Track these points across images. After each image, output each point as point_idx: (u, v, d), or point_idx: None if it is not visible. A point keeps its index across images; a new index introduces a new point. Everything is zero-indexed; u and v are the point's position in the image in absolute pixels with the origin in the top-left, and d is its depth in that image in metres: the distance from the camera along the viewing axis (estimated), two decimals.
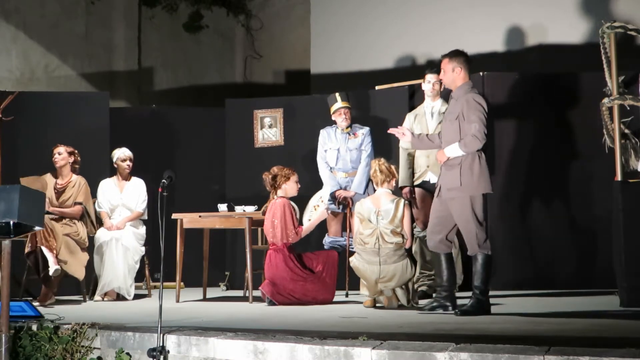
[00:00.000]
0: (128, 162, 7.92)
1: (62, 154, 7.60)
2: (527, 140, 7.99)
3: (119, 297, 7.67)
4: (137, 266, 7.78)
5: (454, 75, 6.00)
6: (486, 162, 5.92)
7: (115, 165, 7.93)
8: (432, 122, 7.24)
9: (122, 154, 7.93)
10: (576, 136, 7.84)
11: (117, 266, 7.60)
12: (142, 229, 7.91)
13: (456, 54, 6.04)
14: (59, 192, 7.55)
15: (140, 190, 7.95)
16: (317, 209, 7.04)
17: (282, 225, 6.87)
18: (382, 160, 6.72)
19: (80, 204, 7.59)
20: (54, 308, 6.66)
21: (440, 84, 7.26)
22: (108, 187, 7.91)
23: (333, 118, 7.76)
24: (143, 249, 7.81)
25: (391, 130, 6.27)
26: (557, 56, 9.05)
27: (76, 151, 7.70)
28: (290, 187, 7.07)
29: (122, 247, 7.65)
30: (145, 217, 7.96)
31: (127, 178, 7.94)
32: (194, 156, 9.22)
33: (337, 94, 7.73)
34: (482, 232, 5.91)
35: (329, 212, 7.49)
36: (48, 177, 7.62)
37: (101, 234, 7.69)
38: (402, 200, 6.63)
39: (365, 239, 6.51)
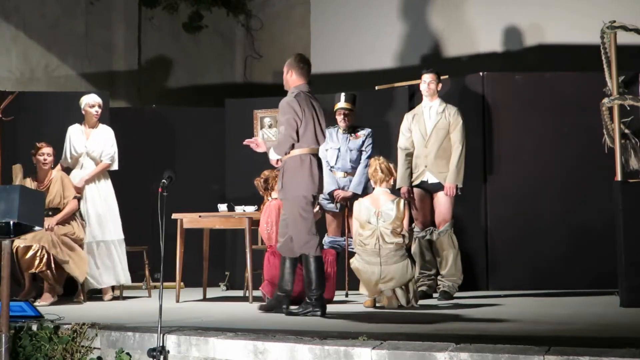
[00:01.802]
0: (97, 109, 7.67)
1: (50, 155, 7.44)
2: (527, 140, 7.99)
3: (114, 298, 7.64)
4: (119, 237, 7.68)
5: (287, 77, 6.24)
6: (311, 165, 6.04)
7: (84, 112, 7.70)
8: (430, 121, 7.24)
9: (90, 100, 7.69)
10: (576, 136, 7.84)
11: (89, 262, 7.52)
12: (108, 183, 7.70)
13: (292, 58, 6.24)
14: (44, 192, 7.42)
15: (107, 139, 7.69)
16: None
17: (278, 226, 6.88)
18: (382, 159, 6.72)
19: (75, 197, 7.46)
20: (54, 308, 6.65)
21: (437, 83, 7.27)
22: (75, 133, 7.68)
23: (335, 116, 7.79)
24: (118, 227, 7.70)
25: (246, 142, 6.45)
26: (557, 56, 9.06)
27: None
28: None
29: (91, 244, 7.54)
30: (115, 167, 7.72)
31: (94, 126, 7.70)
32: (194, 156, 9.22)
33: (342, 94, 7.74)
34: (306, 234, 6.01)
35: (323, 210, 7.50)
36: (28, 183, 7.40)
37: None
38: (402, 200, 6.62)
39: (365, 240, 6.50)
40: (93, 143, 7.65)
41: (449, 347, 4.02)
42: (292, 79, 6.21)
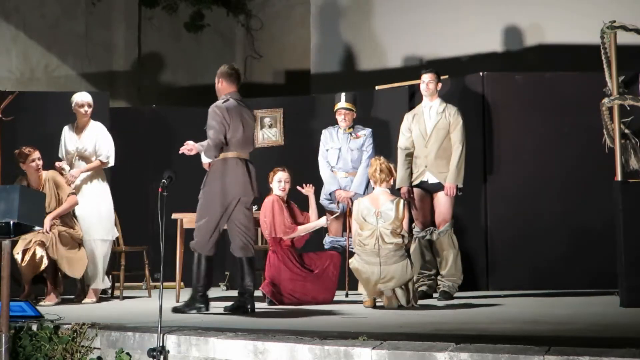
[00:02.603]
0: (85, 108, 7.56)
1: (40, 158, 7.29)
2: (527, 140, 8.00)
3: (102, 299, 7.57)
4: (106, 249, 7.53)
5: (217, 86, 6.53)
6: (235, 170, 6.28)
7: (74, 112, 7.61)
8: (430, 121, 7.24)
9: (79, 99, 7.59)
10: (576, 136, 7.84)
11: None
12: (105, 186, 7.59)
13: (222, 67, 6.52)
14: None
15: (99, 136, 7.57)
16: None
17: (270, 220, 6.91)
18: (383, 159, 6.73)
19: (73, 194, 7.33)
20: (54, 308, 6.65)
21: (436, 83, 7.26)
22: (67, 133, 7.61)
23: (336, 116, 7.80)
24: (113, 233, 7.59)
25: (181, 150, 6.61)
26: (556, 56, 9.06)
27: None
28: (274, 187, 7.12)
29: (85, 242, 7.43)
30: (111, 163, 7.60)
31: (85, 124, 7.59)
32: (194, 156, 9.18)
33: (343, 94, 7.75)
34: (207, 236, 6.29)
35: (327, 211, 7.51)
36: None
37: None
38: (402, 200, 6.62)
39: (364, 240, 6.50)
40: (84, 142, 7.56)
41: (449, 347, 4.02)
42: (223, 87, 6.48)
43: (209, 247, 6.29)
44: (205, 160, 6.51)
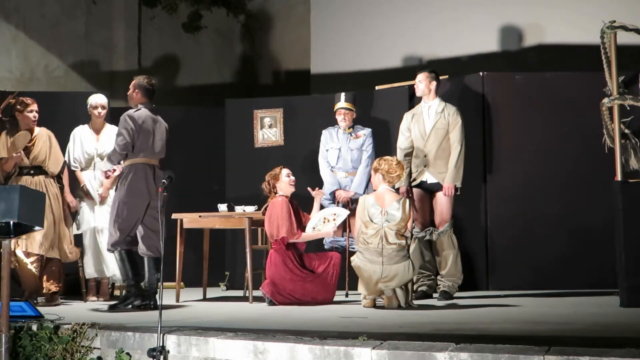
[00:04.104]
0: (99, 110, 7.59)
1: (38, 111, 7.28)
2: (527, 140, 8.00)
3: (113, 297, 7.56)
4: None
5: (132, 95, 6.80)
6: (145, 175, 6.55)
7: (89, 113, 7.65)
8: (429, 121, 7.23)
9: (93, 101, 7.61)
10: (576, 136, 7.84)
11: (101, 254, 7.44)
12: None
13: (139, 79, 6.83)
14: (29, 149, 7.25)
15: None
16: (327, 223, 7.04)
17: (277, 222, 6.88)
18: (394, 157, 6.78)
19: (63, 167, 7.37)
20: (54, 308, 6.65)
21: (429, 82, 7.22)
22: (83, 135, 7.61)
23: (336, 116, 7.81)
24: None
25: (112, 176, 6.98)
26: (556, 56, 9.06)
27: None
28: (283, 184, 7.08)
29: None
30: None
31: (101, 126, 7.64)
32: (194, 156, 9.22)
33: (342, 94, 7.77)
34: (115, 235, 6.54)
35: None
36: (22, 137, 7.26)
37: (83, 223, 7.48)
38: (407, 200, 6.61)
39: (368, 238, 6.49)
40: (103, 144, 7.57)
41: (449, 347, 4.02)
42: (137, 97, 6.77)
43: (125, 243, 6.50)
44: (108, 165, 6.84)
